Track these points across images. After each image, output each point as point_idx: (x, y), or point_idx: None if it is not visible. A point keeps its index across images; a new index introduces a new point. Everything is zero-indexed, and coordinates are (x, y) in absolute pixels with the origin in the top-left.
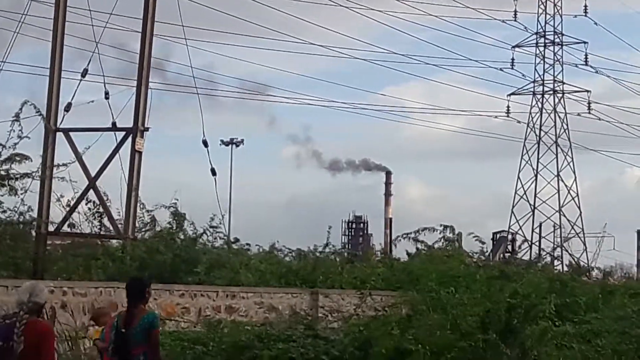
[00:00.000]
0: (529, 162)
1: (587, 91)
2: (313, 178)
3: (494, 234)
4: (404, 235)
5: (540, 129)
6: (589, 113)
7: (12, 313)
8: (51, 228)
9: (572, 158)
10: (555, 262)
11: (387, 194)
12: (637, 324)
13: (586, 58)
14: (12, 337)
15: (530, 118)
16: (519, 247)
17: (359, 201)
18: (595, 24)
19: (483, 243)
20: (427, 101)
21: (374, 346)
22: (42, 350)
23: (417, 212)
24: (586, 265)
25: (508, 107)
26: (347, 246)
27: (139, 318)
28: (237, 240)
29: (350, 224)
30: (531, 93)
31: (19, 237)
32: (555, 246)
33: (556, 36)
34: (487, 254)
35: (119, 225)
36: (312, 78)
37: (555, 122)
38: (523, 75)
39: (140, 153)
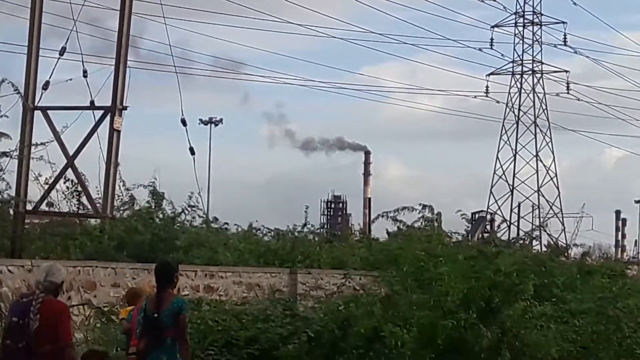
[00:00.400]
0: (507, 142)
1: (566, 71)
2: (290, 157)
3: (473, 214)
4: (383, 215)
5: (519, 109)
6: (568, 93)
7: (30, 292)
8: (29, 207)
9: (551, 138)
10: (534, 242)
11: (366, 174)
12: (614, 304)
13: (565, 38)
14: (28, 315)
15: (509, 98)
16: (498, 227)
17: (337, 181)
18: (574, 4)
19: (470, 222)
20: (405, 81)
21: (353, 326)
22: (58, 329)
23: (396, 192)
24: (564, 245)
25: (487, 87)
26: (326, 226)
27: (168, 302)
28: (215, 219)
29: (329, 203)
30: (510, 73)
31: None
32: (533, 226)
33: (535, 16)
34: (466, 234)
35: (98, 204)
36: (290, 57)
37: (534, 102)
38: (502, 55)
39: (118, 132)
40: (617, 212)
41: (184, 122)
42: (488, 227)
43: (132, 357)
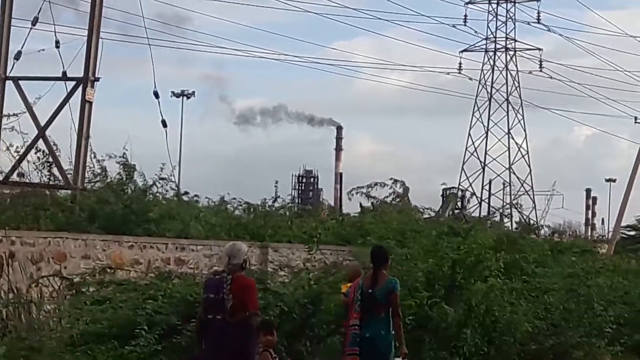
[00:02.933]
0: (479, 119)
1: (539, 49)
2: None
3: (444, 190)
4: (356, 190)
5: (492, 87)
6: (541, 71)
7: (220, 270)
8: (0, 177)
9: (523, 116)
10: (505, 220)
11: (338, 149)
12: (584, 281)
13: (538, 16)
14: (222, 291)
15: (482, 75)
16: (468, 202)
17: (308, 155)
18: None
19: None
20: (378, 56)
21: (324, 301)
22: (245, 300)
23: (365, 167)
24: (535, 223)
25: (460, 63)
26: (297, 200)
27: (383, 282)
28: (186, 192)
29: (300, 178)
30: (483, 50)
31: None
32: (504, 204)
33: None
34: (437, 210)
35: (69, 176)
36: (263, 30)
37: (506, 79)
38: (475, 32)
39: (90, 103)
40: (588, 191)
41: (156, 95)
42: (459, 203)
43: (353, 328)
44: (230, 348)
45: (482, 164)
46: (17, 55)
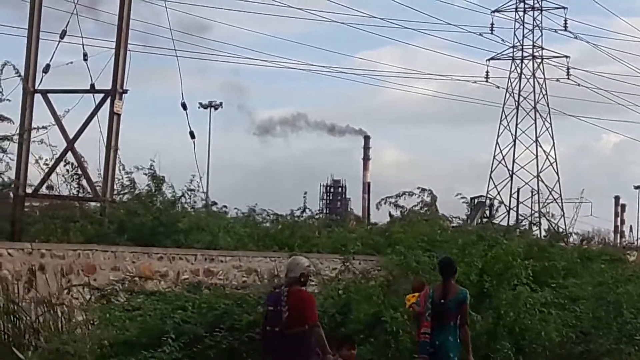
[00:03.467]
0: (507, 127)
1: (566, 56)
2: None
3: (472, 198)
4: (385, 200)
5: (519, 94)
6: (568, 78)
7: (280, 284)
8: (29, 190)
9: (551, 124)
10: (534, 228)
11: (366, 158)
12: (614, 289)
13: (565, 23)
14: (279, 304)
15: (509, 83)
16: (496, 210)
17: (335, 165)
18: None
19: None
20: (404, 65)
21: (353, 311)
22: (304, 313)
23: (391, 177)
24: (564, 231)
25: (487, 72)
26: (325, 210)
27: (453, 292)
28: (214, 203)
29: (328, 188)
30: (510, 58)
31: None
32: (533, 212)
33: (535, 1)
34: (465, 218)
35: (97, 188)
36: (288, 41)
37: (534, 87)
38: (502, 40)
39: (118, 115)
40: (617, 198)
41: (184, 106)
42: (487, 212)
43: (424, 336)
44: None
45: (510, 172)
46: (46, 69)
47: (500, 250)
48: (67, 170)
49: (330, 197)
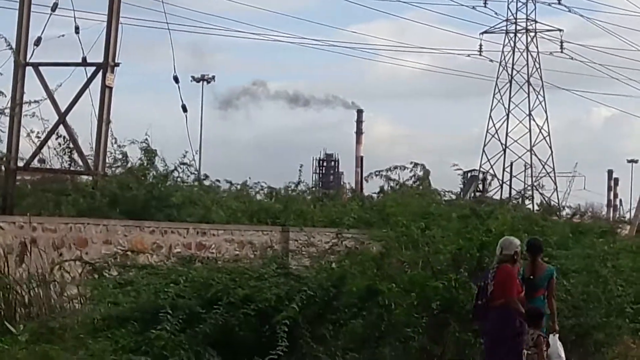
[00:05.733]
0: (500, 101)
1: (560, 30)
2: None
3: (465, 172)
4: (376, 173)
5: (513, 68)
6: (562, 52)
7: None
8: (21, 164)
9: (544, 97)
10: (526, 202)
11: (359, 132)
12: (605, 263)
13: None
14: (488, 280)
15: (503, 57)
16: (489, 185)
17: (326, 139)
18: None
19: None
20: (395, 39)
21: (346, 284)
22: (505, 287)
23: (384, 151)
24: (557, 204)
25: (480, 45)
26: (318, 184)
27: (542, 269)
28: (206, 176)
29: (321, 162)
30: (504, 32)
31: None
32: (526, 185)
33: None
34: (458, 192)
35: (89, 161)
36: (279, 14)
37: (527, 61)
38: (496, 13)
39: (110, 89)
40: (610, 172)
41: (176, 79)
42: (480, 186)
43: None
44: (491, 331)
45: (503, 146)
46: (37, 42)
47: (502, 226)
48: (59, 144)
49: (323, 171)
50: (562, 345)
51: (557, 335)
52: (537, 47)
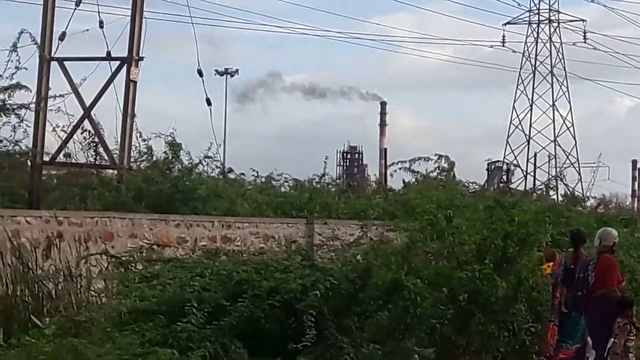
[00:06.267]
0: (524, 92)
1: (583, 20)
2: (302, 108)
3: (489, 164)
4: (400, 166)
5: (536, 59)
6: (585, 42)
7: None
8: (46, 158)
9: (568, 88)
10: (551, 192)
11: (382, 124)
12: (629, 252)
13: None
14: (587, 271)
15: (526, 47)
16: (513, 176)
17: (350, 131)
18: None
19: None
20: (418, 30)
21: (372, 277)
22: (605, 277)
23: (406, 142)
24: (581, 195)
25: (503, 36)
26: (342, 177)
27: (582, 259)
28: (231, 170)
29: (345, 154)
30: (527, 22)
31: (15, 166)
32: (550, 176)
33: None
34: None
35: (115, 155)
36: (302, 6)
37: (550, 51)
38: (518, 4)
39: (135, 83)
40: (634, 162)
41: (200, 73)
42: (504, 177)
43: (556, 299)
44: (592, 321)
45: (527, 137)
46: (62, 36)
47: (526, 217)
48: (84, 138)
49: (347, 164)
50: None
51: None
52: (560, 38)
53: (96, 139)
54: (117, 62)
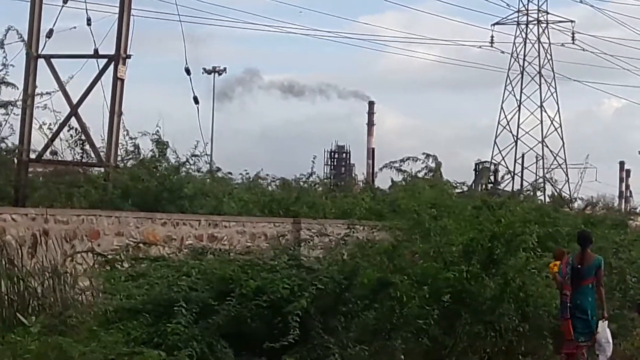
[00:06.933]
0: (512, 92)
1: (572, 21)
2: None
3: (476, 164)
4: (388, 165)
5: (524, 59)
6: (573, 43)
7: None
8: (33, 156)
9: (556, 89)
10: (538, 193)
11: (370, 124)
12: (617, 255)
13: None
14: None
15: (514, 48)
16: (502, 177)
17: (336, 130)
18: None
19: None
20: (406, 30)
21: (357, 276)
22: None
23: (393, 142)
24: (568, 196)
25: (492, 37)
26: (330, 176)
27: (590, 259)
28: (219, 169)
29: (332, 153)
30: (515, 23)
31: (1, 163)
32: (537, 177)
33: None
34: (469, 184)
35: (101, 153)
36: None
37: (539, 52)
38: (507, 4)
39: (122, 80)
40: (621, 163)
41: (187, 71)
42: (492, 177)
43: (565, 297)
44: None
45: (515, 138)
46: (49, 33)
47: (513, 217)
48: (71, 136)
49: (335, 163)
50: (610, 332)
51: (607, 322)
52: (548, 39)
53: (83, 137)
54: (105, 60)
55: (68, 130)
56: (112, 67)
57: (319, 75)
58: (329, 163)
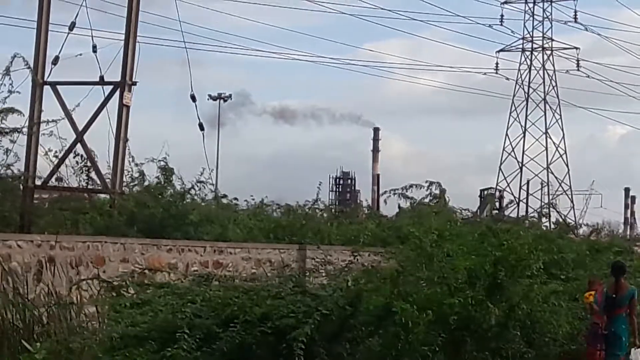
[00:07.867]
0: (517, 119)
1: (576, 48)
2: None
3: (481, 191)
4: (392, 192)
5: (529, 86)
6: (578, 70)
7: None
8: (38, 182)
9: (561, 115)
10: (543, 220)
11: (375, 150)
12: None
13: (575, 15)
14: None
15: (519, 75)
16: (507, 204)
17: (341, 156)
18: None
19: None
20: (410, 57)
21: (362, 303)
22: None
23: (398, 169)
24: (574, 222)
25: (497, 63)
26: (335, 202)
27: (624, 289)
28: (225, 195)
29: (337, 179)
30: (520, 50)
31: (7, 190)
32: (543, 204)
33: None
34: (474, 211)
35: (107, 180)
36: (294, 32)
37: (543, 79)
38: (512, 32)
39: (128, 107)
40: (626, 190)
41: (193, 98)
42: (497, 204)
43: (596, 326)
44: None
45: (520, 164)
46: (55, 61)
47: (516, 243)
48: (77, 162)
49: (340, 189)
50: None
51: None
52: (553, 65)
53: (88, 163)
54: (111, 87)
55: (74, 157)
56: (117, 93)
57: (324, 102)
58: (334, 189)
